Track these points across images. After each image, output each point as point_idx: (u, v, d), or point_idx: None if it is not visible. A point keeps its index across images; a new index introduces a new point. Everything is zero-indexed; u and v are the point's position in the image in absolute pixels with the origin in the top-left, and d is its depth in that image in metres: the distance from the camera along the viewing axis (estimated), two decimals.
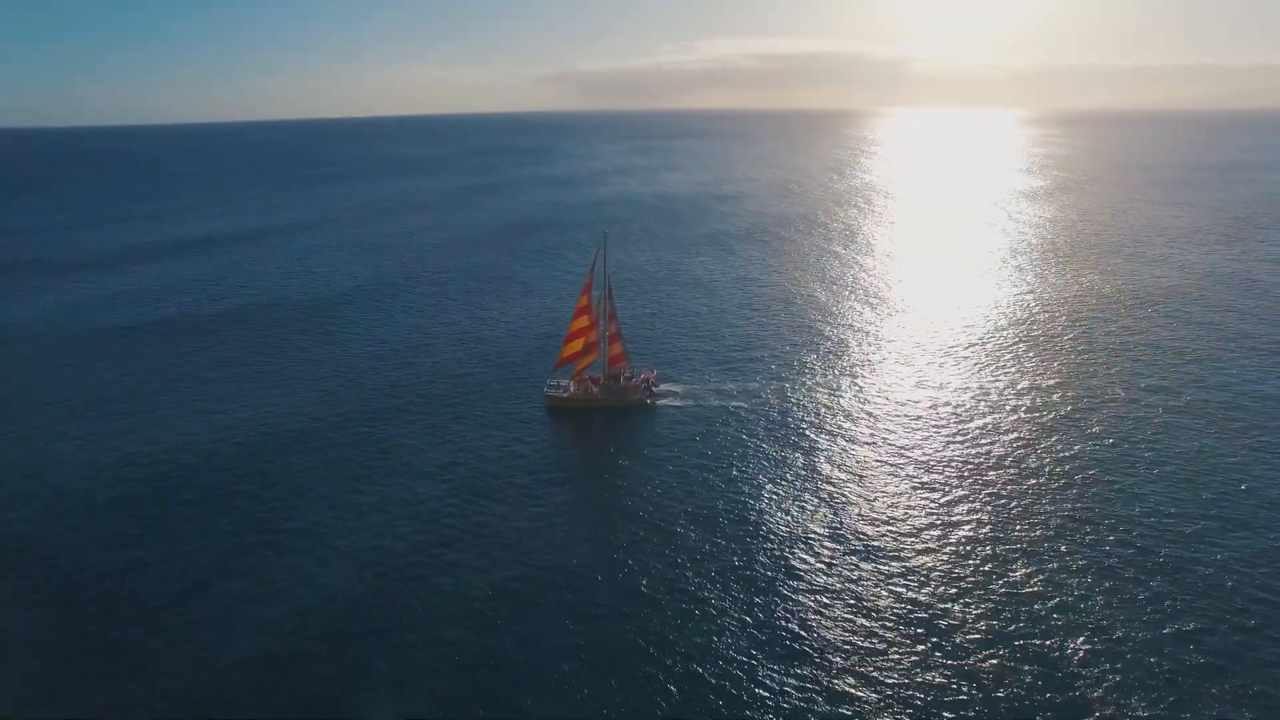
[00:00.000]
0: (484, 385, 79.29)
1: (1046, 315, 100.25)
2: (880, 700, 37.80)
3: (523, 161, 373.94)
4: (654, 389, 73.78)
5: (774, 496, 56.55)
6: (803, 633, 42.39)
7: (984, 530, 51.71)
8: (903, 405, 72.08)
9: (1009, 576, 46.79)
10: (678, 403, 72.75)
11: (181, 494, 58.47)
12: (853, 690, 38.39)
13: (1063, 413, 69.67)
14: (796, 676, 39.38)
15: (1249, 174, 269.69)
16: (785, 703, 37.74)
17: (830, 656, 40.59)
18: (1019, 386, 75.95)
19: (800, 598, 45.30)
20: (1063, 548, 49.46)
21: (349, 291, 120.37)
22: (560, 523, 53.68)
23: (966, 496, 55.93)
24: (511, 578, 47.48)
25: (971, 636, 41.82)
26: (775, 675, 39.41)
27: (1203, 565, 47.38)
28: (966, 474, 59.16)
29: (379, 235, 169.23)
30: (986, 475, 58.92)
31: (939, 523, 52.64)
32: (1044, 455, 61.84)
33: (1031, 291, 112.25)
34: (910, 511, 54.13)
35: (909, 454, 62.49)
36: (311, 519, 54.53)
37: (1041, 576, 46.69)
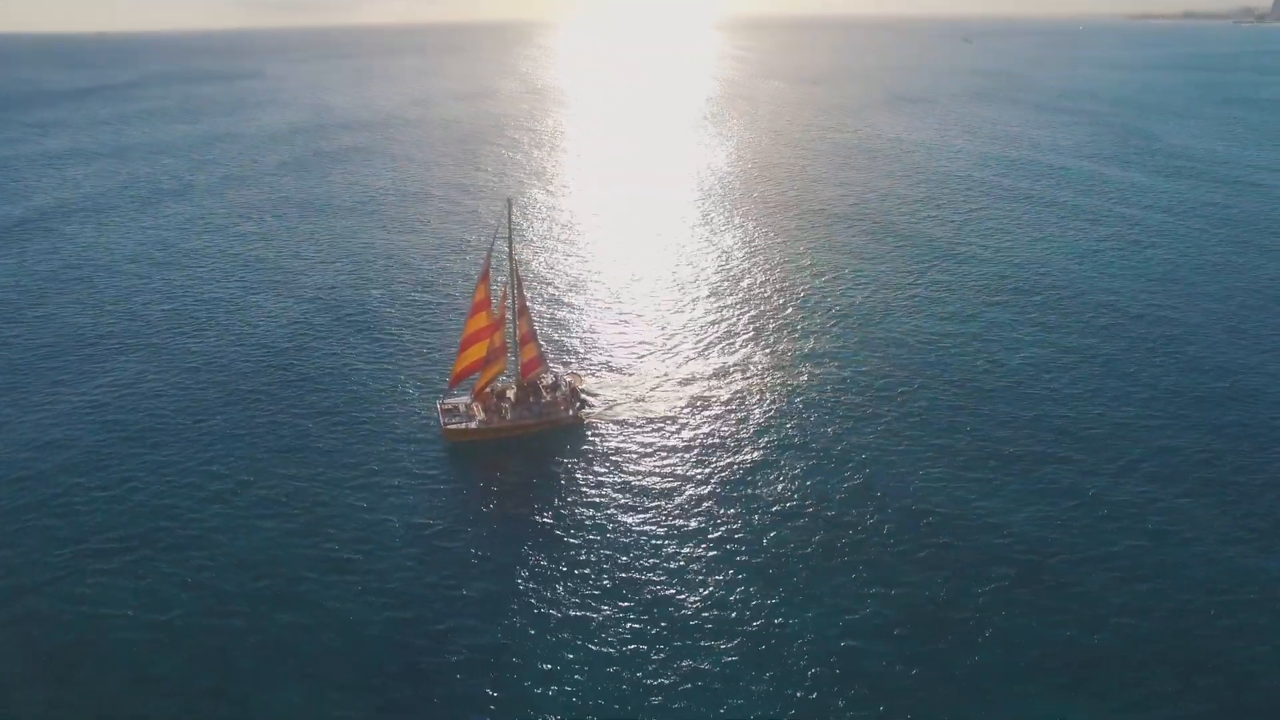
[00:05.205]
0: (345, 422, 57.34)
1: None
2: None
3: (271, 96, 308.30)
4: (583, 397, 57.65)
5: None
6: None
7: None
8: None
9: None
10: (616, 414, 57.51)
11: None
12: None
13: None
14: None
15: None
16: None
17: None
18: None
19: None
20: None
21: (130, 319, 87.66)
22: (485, 640, 37.65)
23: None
24: None
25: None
26: None
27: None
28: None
29: (138, 223, 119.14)
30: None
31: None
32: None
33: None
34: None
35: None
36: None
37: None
